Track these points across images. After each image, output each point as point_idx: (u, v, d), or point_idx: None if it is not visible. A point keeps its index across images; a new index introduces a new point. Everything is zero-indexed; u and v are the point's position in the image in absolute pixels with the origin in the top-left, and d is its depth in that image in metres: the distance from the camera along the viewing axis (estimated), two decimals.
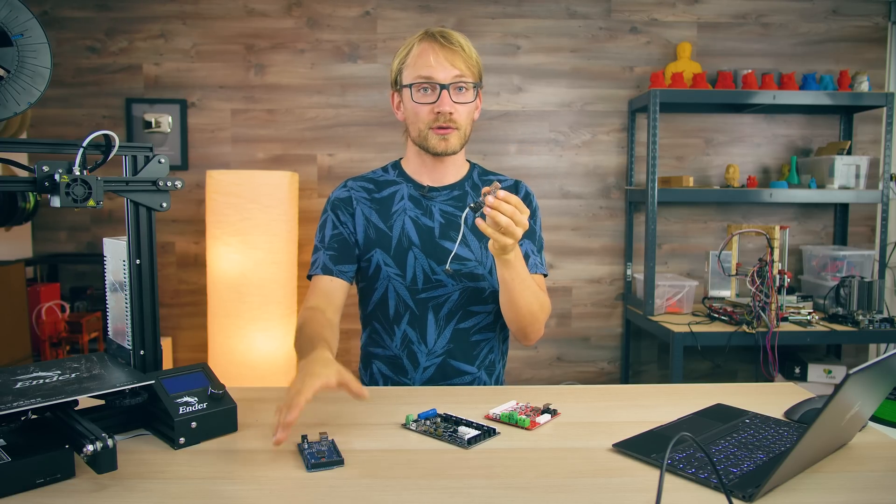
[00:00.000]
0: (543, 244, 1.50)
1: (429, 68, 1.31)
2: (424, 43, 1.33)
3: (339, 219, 1.41)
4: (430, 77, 1.31)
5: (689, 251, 3.18)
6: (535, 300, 1.31)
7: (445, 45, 1.31)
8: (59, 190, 0.88)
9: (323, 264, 1.38)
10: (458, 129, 1.35)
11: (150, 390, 0.97)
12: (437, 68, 1.30)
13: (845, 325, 2.61)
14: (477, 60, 1.36)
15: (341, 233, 1.40)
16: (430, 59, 1.31)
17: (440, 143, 1.34)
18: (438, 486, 0.83)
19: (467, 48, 1.33)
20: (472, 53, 1.34)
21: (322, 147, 3.04)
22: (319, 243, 1.42)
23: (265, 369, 2.64)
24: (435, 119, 1.33)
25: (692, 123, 3.14)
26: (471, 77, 1.34)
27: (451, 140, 1.35)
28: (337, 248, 1.39)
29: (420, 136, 1.36)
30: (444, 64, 1.30)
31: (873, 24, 3.12)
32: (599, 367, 3.20)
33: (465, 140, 1.39)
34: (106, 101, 2.98)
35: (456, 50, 1.31)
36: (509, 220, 1.09)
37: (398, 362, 1.40)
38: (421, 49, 1.33)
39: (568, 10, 3.06)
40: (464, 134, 1.37)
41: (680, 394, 1.23)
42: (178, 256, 3.05)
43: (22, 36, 0.87)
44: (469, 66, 1.33)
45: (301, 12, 3.00)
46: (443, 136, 1.34)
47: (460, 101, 1.33)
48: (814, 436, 0.79)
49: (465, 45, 1.33)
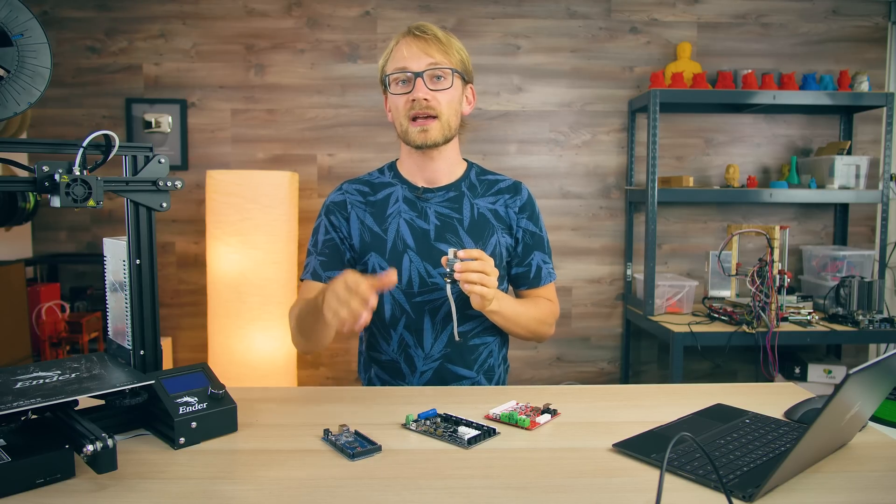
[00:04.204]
0: (550, 246, 1.51)
1: (403, 60, 1.32)
2: (402, 38, 1.34)
3: (332, 224, 1.41)
4: (405, 67, 1.31)
5: (689, 251, 3.18)
6: (532, 321, 1.37)
7: (419, 36, 1.32)
8: (59, 190, 0.88)
9: (313, 269, 1.39)
10: (439, 119, 1.32)
11: (150, 390, 0.97)
12: (410, 59, 1.31)
13: (845, 325, 2.61)
14: (458, 52, 1.35)
15: (333, 238, 1.40)
16: (404, 51, 1.32)
17: (420, 135, 1.33)
18: (438, 486, 0.83)
19: (444, 39, 1.33)
20: (450, 43, 1.34)
21: (322, 147, 3.04)
22: (312, 248, 1.43)
23: (265, 369, 2.64)
24: (411, 107, 1.31)
25: (692, 123, 3.14)
26: (448, 64, 1.32)
27: (431, 132, 1.32)
28: (328, 253, 1.39)
29: (402, 131, 1.36)
30: (417, 54, 1.31)
31: (873, 24, 3.12)
32: (599, 367, 3.20)
33: (450, 132, 1.36)
34: (106, 101, 2.98)
35: (429, 39, 1.31)
36: (481, 275, 1.15)
37: (396, 366, 1.39)
38: (398, 45, 1.34)
39: (568, 10, 3.06)
40: (446, 124, 1.34)
41: (680, 394, 1.23)
42: (178, 256, 3.05)
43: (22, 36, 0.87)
44: (445, 54, 1.32)
45: (301, 12, 3.00)
46: (422, 128, 1.32)
47: (437, 89, 1.32)
48: (814, 436, 0.79)
49: (441, 35, 1.33)
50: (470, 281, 1.15)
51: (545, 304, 1.42)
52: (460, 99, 1.38)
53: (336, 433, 0.97)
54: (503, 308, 1.28)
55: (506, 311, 1.29)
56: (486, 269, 1.16)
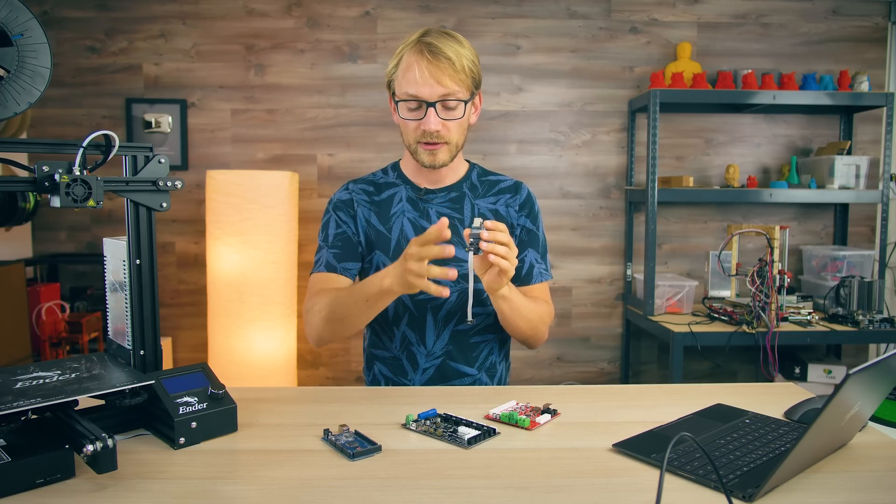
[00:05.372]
0: (547, 247, 1.50)
1: (415, 85, 1.27)
2: (413, 55, 1.27)
3: (341, 219, 1.42)
4: (416, 95, 1.27)
5: (689, 251, 3.18)
6: (535, 316, 1.34)
7: (433, 62, 1.25)
8: (59, 190, 0.88)
9: (327, 262, 1.38)
10: (448, 144, 1.33)
11: (150, 390, 0.97)
12: (422, 86, 1.26)
13: (845, 325, 2.61)
14: (470, 69, 1.30)
15: (345, 231, 1.40)
16: (416, 75, 1.26)
17: (428, 157, 1.34)
18: (438, 486, 0.83)
19: (457, 60, 1.26)
20: (463, 65, 1.27)
21: (322, 147, 3.04)
22: (323, 242, 1.42)
23: (265, 369, 2.64)
24: (422, 135, 1.31)
25: (692, 123, 3.14)
26: (461, 92, 1.29)
27: (440, 155, 1.33)
28: (341, 246, 1.39)
29: (411, 148, 1.36)
30: (429, 81, 1.26)
31: (873, 24, 3.12)
32: (599, 367, 3.20)
33: (458, 150, 1.37)
34: (106, 101, 2.98)
35: (443, 66, 1.25)
36: (506, 248, 1.11)
37: (398, 364, 1.40)
38: (409, 62, 1.28)
39: (568, 10, 3.06)
40: (455, 146, 1.35)
41: (680, 394, 1.23)
42: (178, 256, 3.05)
43: (22, 36, 0.87)
44: (458, 80, 1.27)
45: (301, 12, 3.00)
46: (431, 151, 1.33)
47: (448, 118, 1.30)
48: (814, 436, 0.79)
49: (454, 57, 1.26)
50: (497, 253, 1.11)
51: (542, 303, 1.42)
52: (469, 117, 1.36)
53: (336, 433, 0.97)
54: (513, 294, 1.26)
55: (514, 298, 1.26)
56: (510, 244, 1.13)
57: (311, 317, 1.34)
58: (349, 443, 0.93)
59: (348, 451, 0.91)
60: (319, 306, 1.31)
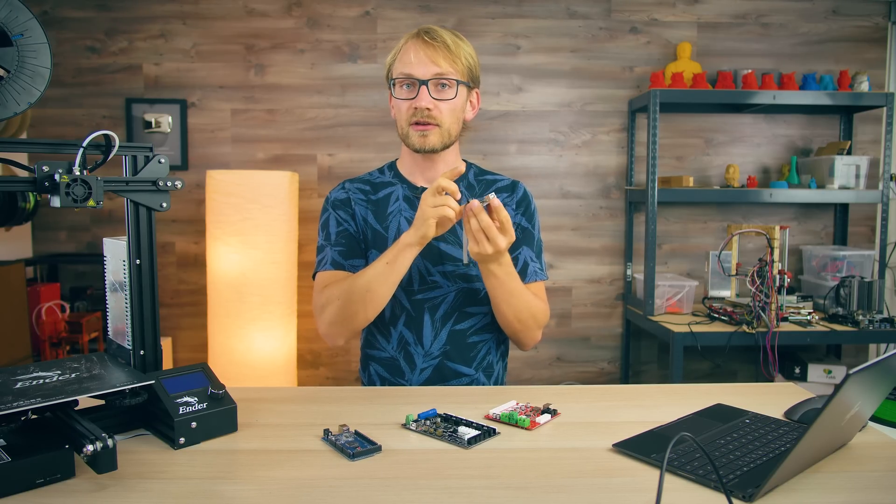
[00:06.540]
0: (542, 247, 1.49)
1: (409, 65, 1.31)
2: (410, 41, 1.33)
3: (341, 216, 1.41)
4: (410, 74, 1.31)
5: (689, 251, 3.18)
6: (526, 309, 1.32)
7: (428, 42, 1.31)
8: (59, 190, 0.88)
9: (332, 259, 1.37)
10: (440, 127, 1.33)
11: (150, 390, 0.97)
12: (416, 65, 1.30)
13: (845, 325, 2.61)
14: (467, 58, 1.34)
15: (346, 229, 1.40)
16: (412, 56, 1.31)
17: (419, 140, 1.34)
18: (438, 486, 0.83)
19: (454, 46, 1.32)
20: (459, 52, 1.32)
21: (322, 147, 3.04)
22: (325, 241, 1.41)
23: (265, 369, 2.64)
24: (413, 114, 1.32)
25: (692, 123, 3.14)
26: (455, 74, 1.32)
27: (431, 137, 1.33)
28: (345, 243, 1.39)
29: (403, 133, 1.37)
30: (424, 61, 1.30)
31: (873, 24, 3.12)
32: (599, 367, 3.20)
33: (450, 139, 1.37)
34: (106, 101, 2.98)
35: (437, 47, 1.30)
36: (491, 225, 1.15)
37: (395, 364, 1.39)
38: (406, 48, 1.33)
39: (568, 10, 3.06)
40: (447, 132, 1.35)
41: (680, 394, 1.23)
42: (178, 256, 3.05)
43: (22, 36, 0.87)
44: (453, 63, 1.31)
45: (301, 12, 3.00)
46: (422, 133, 1.33)
47: (440, 98, 1.32)
48: (814, 436, 0.79)
49: (451, 42, 1.31)
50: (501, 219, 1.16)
51: (538, 301, 1.41)
52: (463, 106, 1.38)
53: (336, 433, 0.97)
54: (503, 274, 1.25)
55: (503, 278, 1.26)
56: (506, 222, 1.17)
57: (326, 310, 1.31)
58: (349, 443, 0.93)
59: (348, 451, 0.91)
60: (336, 294, 1.29)
